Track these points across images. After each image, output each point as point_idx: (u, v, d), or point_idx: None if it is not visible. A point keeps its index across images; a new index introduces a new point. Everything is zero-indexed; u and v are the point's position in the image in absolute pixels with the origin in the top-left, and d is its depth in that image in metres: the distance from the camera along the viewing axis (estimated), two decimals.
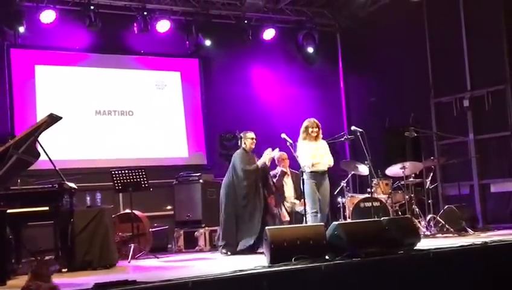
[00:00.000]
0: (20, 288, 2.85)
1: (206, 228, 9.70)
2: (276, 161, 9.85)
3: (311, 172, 8.37)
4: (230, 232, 8.61)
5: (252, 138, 8.96)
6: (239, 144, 9.12)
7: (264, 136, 10.84)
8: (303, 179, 8.32)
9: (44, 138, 7.34)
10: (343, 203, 9.95)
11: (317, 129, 8.56)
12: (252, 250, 8.41)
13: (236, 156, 8.90)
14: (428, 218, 9.67)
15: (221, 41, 11.85)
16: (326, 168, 8.52)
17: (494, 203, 11.22)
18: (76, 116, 10.81)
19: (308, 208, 8.29)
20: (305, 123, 8.63)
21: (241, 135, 9.07)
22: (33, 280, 3.03)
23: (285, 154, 9.65)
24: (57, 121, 7.33)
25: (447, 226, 9.46)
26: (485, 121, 11.29)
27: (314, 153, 8.49)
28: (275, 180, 9.43)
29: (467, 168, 11.32)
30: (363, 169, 9.87)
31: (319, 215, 8.28)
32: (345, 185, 10.05)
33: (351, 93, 13.50)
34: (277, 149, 8.91)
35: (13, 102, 10.40)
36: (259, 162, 8.77)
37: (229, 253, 8.50)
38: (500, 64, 10.99)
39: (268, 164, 8.88)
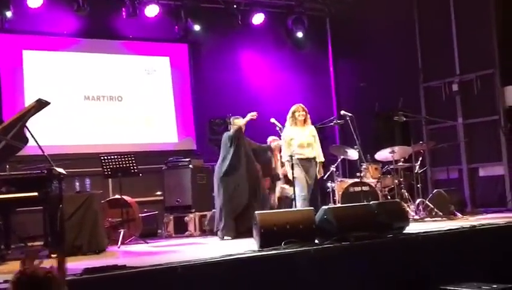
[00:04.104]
0: (13, 273, 2.83)
1: (196, 213, 9.69)
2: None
3: (299, 158, 8.40)
4: (227, 216, 8.59)
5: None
6: (228, 128, 9.11)
7: (254, 120, 10.84)
8: (292, 164, 8.34)
9: (32, 123, 7.30)
10: (332, 188, 9.98)
11: (304, 113, 8.59)
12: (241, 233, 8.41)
13: (224, 134, 8.95)
14: (417, 202, 9.71)
15: (210, 26, 11.79)
16: (313, 156, 8.55)
17: (483, 187, 11.28)
18: (65, 101, 10.75)
19: (297, 192, 8.32)
20: (292, 108, 8.69)
21: (231, 120, 9.06)
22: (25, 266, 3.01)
23: (277, 139, 9.64)
24: (45, 107, 7.30)
25: (435, 210, 9.51)
26: (473, 106, 11.32)
27: (302, 141, 8.50)
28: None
29: (456, 153, 11.36)
30: (353, 154, 9.90)
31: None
32: (334, 169, 10.08)
33: (340, 78, 13.50)
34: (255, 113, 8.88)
35: (1, 87, 10.33)
36: (241, 121, 8.77)
37: (225, 237, 8.51)
38: (488, 49, 11.00)
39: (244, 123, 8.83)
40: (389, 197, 9.87)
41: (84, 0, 10.47)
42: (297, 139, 8.51)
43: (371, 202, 7.59)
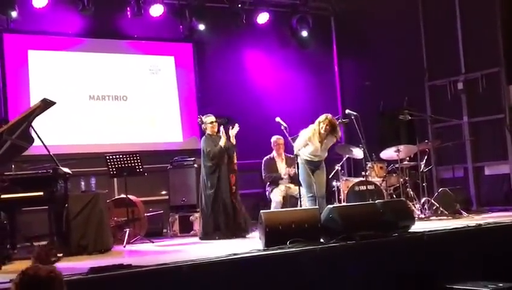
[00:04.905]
0: (16, 273, 2.84)
1: None
2: (272, 145, 9.87)
3: (308, 160, 8.28)
4: (207, 221, 8.70)
5: (212, 122, 8.91)
6: (202, 128, 9.10)
7: (259, 120, 10.89)
8: (297, 163, 8.30)
9: (38, 123, 7.32)
10: (337, 187, 9.97)
11: (329, 128, 8.17)
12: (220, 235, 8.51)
13: (202, 143, 8.91)
14: (422, 201, 9.70)
15: (214, 25, 11.78)
16: (322, 158, 8.45)
17: (488, 186, 11.25)
18: (70, 101, 10.76)
19: (304, 192, 8.28)
20: (321, 117, 8.25)
21: (203, 119, 9.03)
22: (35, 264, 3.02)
23: (281, 139, 9.64)
24: (50, 106, 7.32)
25: (441, 208, 9.51)
26: (479, 104, 11.30)
27: (316, 150, 8.23)
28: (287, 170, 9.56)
29: (461, 151, 11.34)
30: (358, 152, 9.89)
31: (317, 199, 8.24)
32: (339, 168, 10.07)
33: (345, 77, 13.47)
34: (236, 125, 8.87)
35: (6, 87, 10.34)
36: (221, 142, 8.73)
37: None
38: (494, 47, 10.97)
39: (233, 141, 8.84)
40: (394, 196, 9.86)
41: (88, 0, 10.47)
42: (311, 147, 8.23)
43: (376, 201, 7.58)
